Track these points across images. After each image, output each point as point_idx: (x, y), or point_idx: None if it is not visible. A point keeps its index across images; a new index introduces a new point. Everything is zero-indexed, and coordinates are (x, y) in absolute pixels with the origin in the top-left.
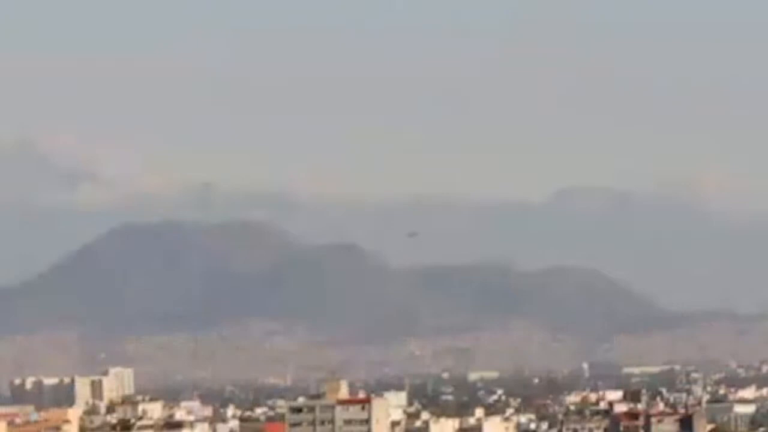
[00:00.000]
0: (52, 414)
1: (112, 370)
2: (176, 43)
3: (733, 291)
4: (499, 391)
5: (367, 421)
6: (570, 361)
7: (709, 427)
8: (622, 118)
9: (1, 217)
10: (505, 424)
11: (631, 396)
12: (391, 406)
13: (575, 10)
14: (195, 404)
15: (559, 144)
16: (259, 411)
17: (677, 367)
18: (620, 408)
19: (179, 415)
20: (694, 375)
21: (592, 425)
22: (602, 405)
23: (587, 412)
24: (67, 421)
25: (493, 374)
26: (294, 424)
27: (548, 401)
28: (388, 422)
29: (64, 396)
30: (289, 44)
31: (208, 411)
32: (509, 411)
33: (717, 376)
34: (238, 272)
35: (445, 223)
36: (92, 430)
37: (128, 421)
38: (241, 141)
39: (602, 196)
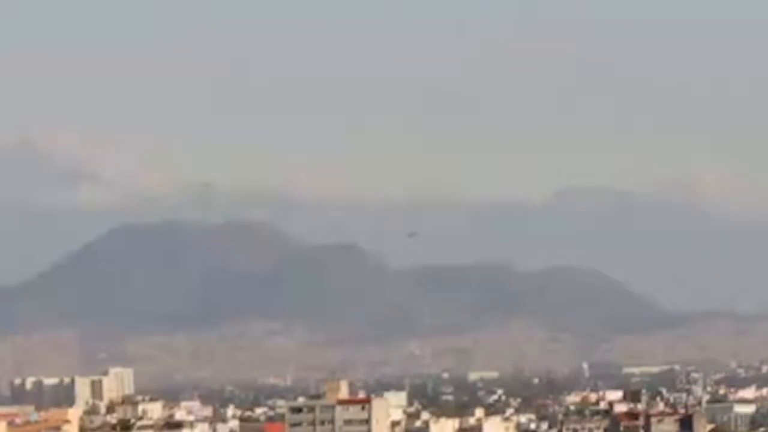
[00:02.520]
0: (52, 414)
1: (112, 370)
2: (176, 43)
3: (733, 291)
4: (499, 391)
5: (367, 421)
6: (570, 361)
7: (709, 427)
8: (622, 118)
9: (1, 216)
10: (505, 424)
11: (631, 396)
12: (391, 406)
13: (575, 10)
14: (195, 404)
15: (559, 144)
16: (259, 411)
17: (677, 367)
18: (620, 408)
19: (179, 415)
20: (694, 375)
21: (592, 425)
22: (602, 405)
23: (587, 412)
24: (67, 421)
25: (493, 374)
26: (294, 424)
27: (548, 401)
28: (388, 422)
29: (64, 396)
30: (288, 44)
31: (208, 411)
32: (509, 411)
33: (717, 376)
34: (238, 272)
35: (444, 223)
36: (92, 430)
37: (128, 421)
38: (241, 141)
39: (602, 196)
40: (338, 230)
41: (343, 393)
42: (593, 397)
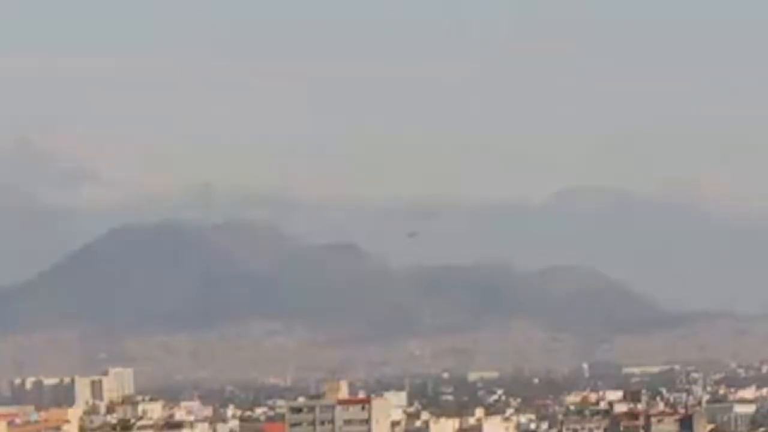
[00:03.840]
0: (52, 414)
1: (112, 370)
2: (175, 43)
3: (733, 291)
4: (499, 391)
5: (367, 421)
6: (570, 361)
7: (709, 427)
8: (622, 118)
9: (1, 217)
10: (505, 424)
11: (631, 396)
12: (391, 406)
13: (575, 10)
14: (195, 404)
15: (559, 144)
16: (259, 411)
17: (677, 367)
18: (620, 408)
19: (179, 415)
20: (694, 375)
21: (592, 425)
22: (602, 405)
23: (587, 412)
24: (67, 421)
25: (493, 374)
26: (294, 424)
27: (548, 401)
28: (388, 422)
29: (64, 396)
30: (289, 44)
31: (208, 411)
32: (509, 411)
33: (717, 376)
34: (238, 272)
35: (445, 223)
36: (92, 430)
37: (128, 421)
38: (241, 141)
39: (602, 196)
40: (338, 230)
41: (343, 393)
42: (593, 397)
